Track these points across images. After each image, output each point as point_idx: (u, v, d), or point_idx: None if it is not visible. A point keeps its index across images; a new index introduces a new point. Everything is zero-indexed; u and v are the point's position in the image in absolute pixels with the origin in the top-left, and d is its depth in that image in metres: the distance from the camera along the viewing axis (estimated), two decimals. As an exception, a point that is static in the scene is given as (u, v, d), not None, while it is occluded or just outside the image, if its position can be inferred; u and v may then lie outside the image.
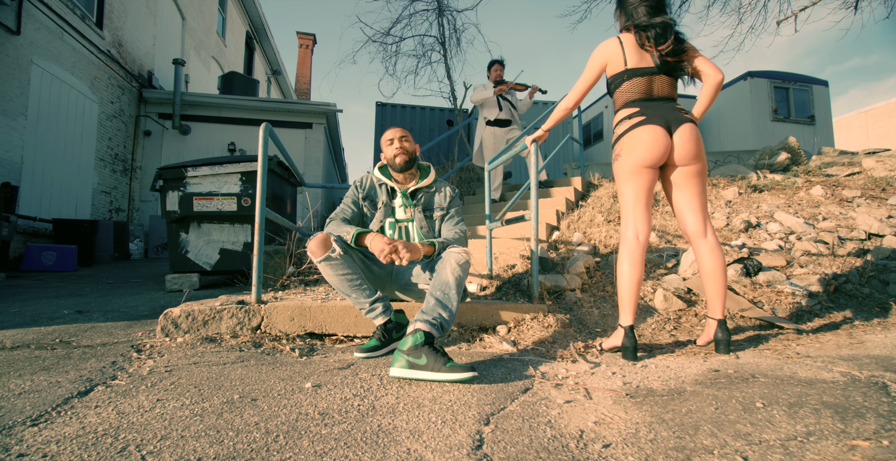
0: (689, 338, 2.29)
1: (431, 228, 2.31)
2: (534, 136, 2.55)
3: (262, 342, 2.08)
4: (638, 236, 1.96)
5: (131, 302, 3.53)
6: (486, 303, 2.41)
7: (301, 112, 10.06)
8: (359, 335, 2.26)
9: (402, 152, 2.25)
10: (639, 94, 2.02)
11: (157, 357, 1.85)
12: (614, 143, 2.07)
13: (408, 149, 2.27)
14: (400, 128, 2.34)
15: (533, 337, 2.21)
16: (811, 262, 3.61)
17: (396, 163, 2.25)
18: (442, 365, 1.54)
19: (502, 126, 5.53)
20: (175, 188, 4.20)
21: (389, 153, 2.27)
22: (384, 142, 2.31)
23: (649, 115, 1.96)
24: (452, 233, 2.24)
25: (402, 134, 2.30)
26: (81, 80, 7.69)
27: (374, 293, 2.02)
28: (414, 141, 2.39)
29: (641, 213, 1.97)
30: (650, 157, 1.93)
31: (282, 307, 2.21)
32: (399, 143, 2.26)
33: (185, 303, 2.36)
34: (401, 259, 1.92)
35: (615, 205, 4.66)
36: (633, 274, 1.92)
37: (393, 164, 2.27)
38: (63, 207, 7.46)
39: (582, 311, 2.57)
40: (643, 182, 1.96)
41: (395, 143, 2.26)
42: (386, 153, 2.30)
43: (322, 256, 1.95)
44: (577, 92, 2.17)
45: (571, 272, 2.95)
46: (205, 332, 2.13)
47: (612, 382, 1.60)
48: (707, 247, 1.97)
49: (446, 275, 1.86)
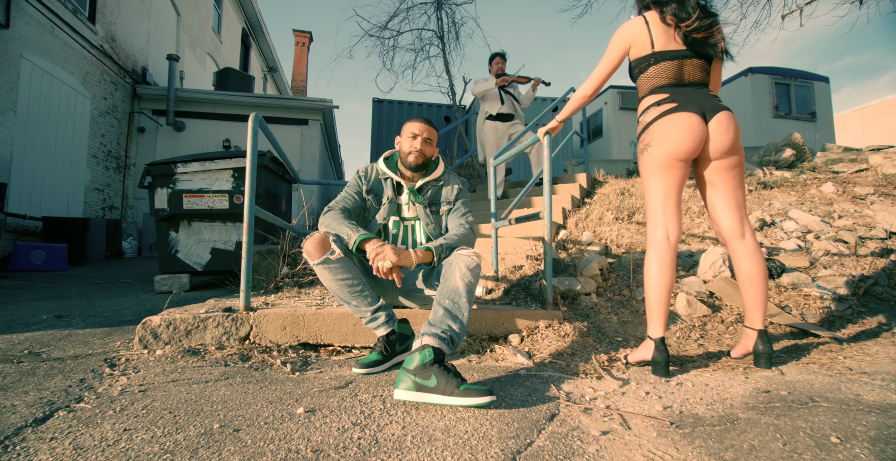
0: (719, 349, 2.09)
1: (438, 225, 2.12)
2: (547, 128, 2.34)
3: (250, 354, 1.88)
4: (668, 237, 1.76)
5: (116, 305, 3.33)
6: (496, 310, 2.22)
7: (297, 108, 9.84)
8: (357, 345, 2.06)
9: (420, 155, 2.03)
10: (667, 80, 1.82)
11: (132, 373, 1.64)
12: (641, 133, 1.87)
13: (426, 153, 2.06)
14: (429, 125, 2.08)
15: (549, 347, 2.01)
16: (834, 263, 3.42)
17: (409, 161, 2.04)
18: (455, 387, 1.34)
19: (504, 121, 5.32)
20: (164, 185, 3.99)
21: (406, 147, 2.05)
22: (406, 132, 2.06)
23: (681, 102, 1.76)
24: (458, 226, 2.04)
25: (430, 134, 2.06)
26: (73, 76, 7.46)
27: (375, 300, 1.82)
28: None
29: (672, 211, 1.77)
30: (684, 148, 1.72)
31: (272, 315, 2.01)
32: (421, 144, 2.03)
33: (167, 309, 2.16)
34: (382, 268, 1.73)
35: (623, 202, 4.46)
36: (664, 279, 1.72)
37: (405, 159, 2.06)
38: (54, 205, 7.24)
39: (599, 318, 2.37)
40: (675, 177, 1.76)
41: (417, 141, 2.03)
42: (402, 145, 2.07)
43: (319, 259, 1.75)
44: (597, 78, 1.97)
45: (585, 274, 2.76)
46: (187, 344, 1.93)
47: (650, 406, 1.40)
48: (745, 249, 1.77)
49: (455, 281, 1.66)
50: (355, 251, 1.81)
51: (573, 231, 3.84)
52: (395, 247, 1.78)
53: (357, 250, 1.82)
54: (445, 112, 10.54)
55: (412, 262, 1.78)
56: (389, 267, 1.72)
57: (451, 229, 2.05)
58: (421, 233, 2.10)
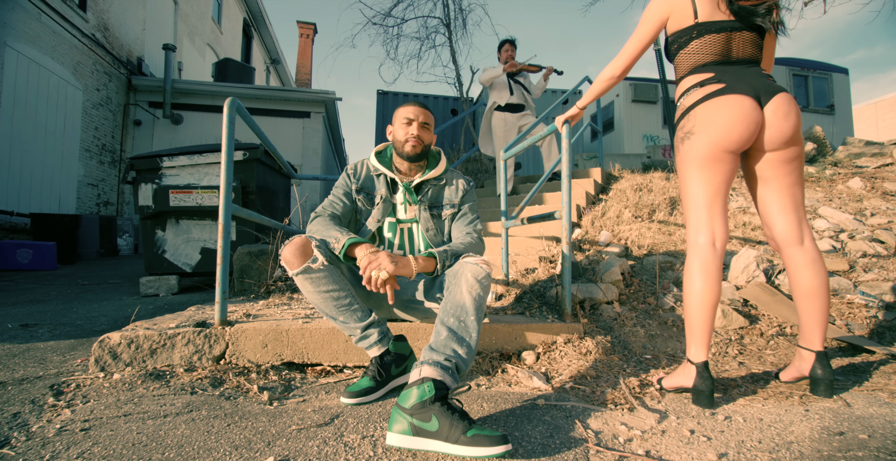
0: (763, 369, 1.82)
1: (440, 230, 1.84)
2: (566, 115, 2.07)
3: (224, 378, 1.63)
4: (714, 242, 1.48)
5: (95, 310, 3.09)
6: (508, 322, 1.95)
7: (298, 100, 9.56)
8: (350, 364, 1.80)
9: (418, 142, 1.75)
10: (712, 56, 1.53)
11: (80, 404, 1.39)
12: (679, 120, 1.59)
13: (425, 140, 1.77)
14: (424, 108, 1.80)
15: (570, 368, 1.74)
16: (874, 266, 3.13)
17: (405, 150, 1.75)
18: (461, 433, 1.08)
19: (514, 111, 5.02)
20: (149, 180, 3.74)
21: (401, 135, 1.76)
22: (399, 118, 1.77)
23: (730, 82, 1.48)
24: (464, 235, 1.77)
25: (426, 118, 1.78)
26: (63, 66, 7.20)
27: (367, 315, 1.56)
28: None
29: (718, 212, 1.50)
30: (734, 136, 1.45)
31: (252, 331, 1.75)
32: (418, 129, 1.75)
33: (134, 321, 1.91)
34: (376, 280, 1.45)
35: (642, 199, 4.17)
36: (709, 293, 1.45)
37: (401, 149, 1.77)
38: (45, 201, 7.02)
39: (624, 331, 2.10)
40: (722, 171, 1.48)
41: (413, 126, 1.75)
42: (396, 133, 1.79)
43: (299, 268, 1.49)
44: (628, 55, 1.69)
45: (605, 280, 2.49)
46: (152, 365, 1.67)
47: (699, 452, 1.14)
48: (805, 257, 1.49)
49: (461, 294, 1.40)
50: (343, 258, 1.55)
51: (589, 230, 3.56)
52: (392, 253, 1.51)
53: (346, 257, 1.55)
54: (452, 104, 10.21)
55: (412, 272, 1.51)
56: (385, 278, 1.46)
57: (456, 238, 1.78)
58: (419, 239, 1.83)
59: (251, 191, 3.84)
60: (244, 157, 3.78)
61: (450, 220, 1.85)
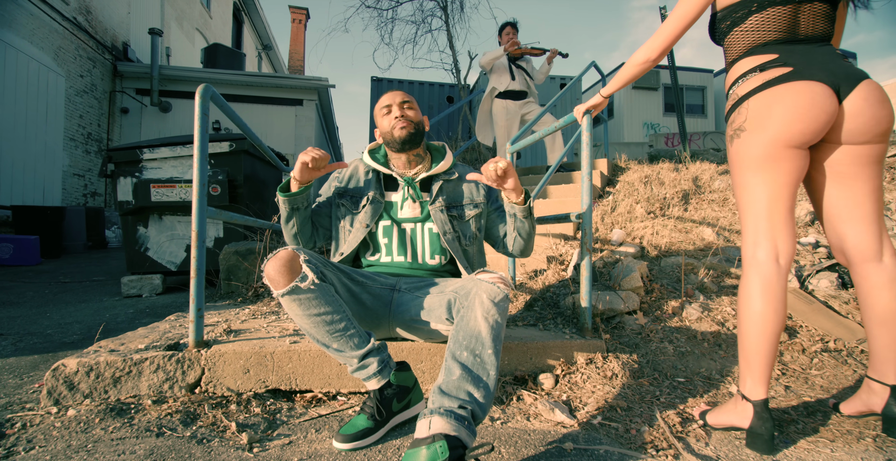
0: (813, 394, 1.61)
1: (463, 234, 1.64)
2: (587, 105, 1.82)
3: (198, 412, 1.40)
4: (777, 258, 1.25)
5: (70, 316, 2.85)
6: (522, 340, 1.73)
7: (290, 88, 9.23)
8: (343, 391, 1.58)
9: (407, 122, 1.58)
10: (776, 33, 1.29)
11: (21, 452, 1.16)
12: (731, 111, 1.35)
13: (412, 118, 1.60)
14: (400, 91, 1.66)
15: (595, 396, 1.53)
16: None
17: (397, 137, 1.58)
18: (483, 511, 0.86)
19: (516, 99, 4.73)
20: (129, 174, 3.48)
21: (386, 125, 1.61)
22: (379, 111, 1.64)
23: (799, 66, 1.23)
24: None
25: (404, 98, 1.63)
26: (43, 51, 6.86)
27: (364, 341, 1.33)
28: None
29: (783, 220, 1.26)
30: (798, 129, 1.20)
31: (231, 355, 1.52)
32: (400, 110, 1.60)
33: (98, 341, 1.67)
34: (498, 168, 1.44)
35: (652, 192, 3.94)
36: (772, 318, 1.22)
37: (392, 140, 1.60)
38: (28, 192, 6.73)
39: (651, 348, 1.89)
40: (786, 170, 1.24)
41: (393, 111, 1.60)
42: (381, 126, 1.64)
43: (285, 287, 1.26)
44: (667, 36, 1.44)
45: (625, 286, 2.26)
46: (115, 395, 1.45)
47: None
48: (884, 276, 1.26)
49: (475, 321, 1.18)
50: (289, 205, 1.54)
51: (598, 227, 3.33)
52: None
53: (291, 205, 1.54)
54: (448, 91, 9.86)
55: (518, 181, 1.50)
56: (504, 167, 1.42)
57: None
58: (427, 242, 1.63)
59: (239, 184, 3.59)
60: (230, 149, 3.52)
61: (475, 220, 1.67)
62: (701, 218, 3.37)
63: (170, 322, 2.08)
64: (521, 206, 1.54)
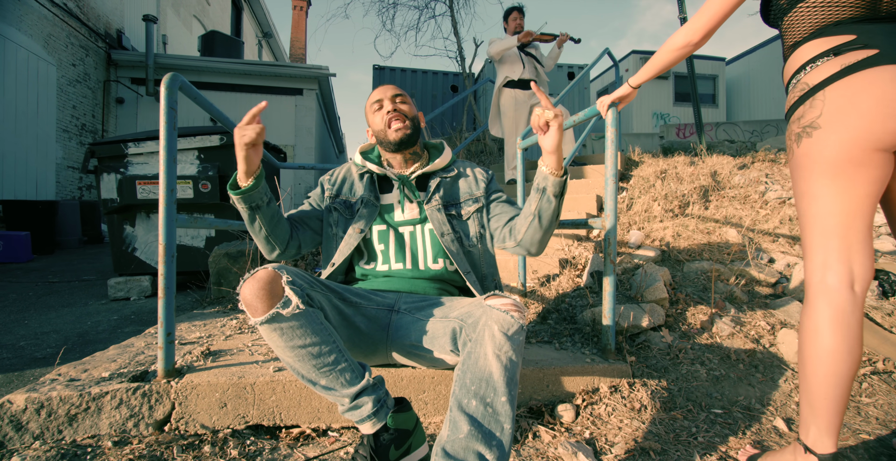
0: (869, 428, 1.41)
1: (464, 233, 1.46)
2: (614, 97, 1.60)
3: (165, 456, 1.21)
4: (853, 284, 1.04)
5: (49, 323, 2.67)
6: (537, 364, 1.53)
7: (290, 76, 8.96)
8: (335, 426, 1.39)
9: (400, 116, 1.41)
10: (851, 10, 1.06)
11: (-54, 518, 0.98)
12: (795, 106, 1.13)
13: (407, 113, 1.43)
14: (391, 85, 1.49)
15: (622, 434, 1.33)
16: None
17: (391, 137, 1.41)
18: None
19: (526, 88, 4.48)
20: (113, 169, 3.28)
21: (378, 122, 1.44)
22: (370, 108, 1.47)
23: (886, 47, 1.01)
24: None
25: (396, 92, 1.46)
26: (32, 38, 6.61)
27: (358, 377, 1.13)
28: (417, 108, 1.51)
29: (860, 239, 1.04)
30: (892, 127, 0.99)
31: (206, 387, 1.33)
32: (392, 104, 1.43)
33: (58, 365, 1.48)
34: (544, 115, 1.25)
35: (670, 188, 3.71)
36: (845, 357, 1.01)
37: (386, 139, 1.43)
38: (20, 186, 6.54)
39: (681, 371, 1.68)
40: (871, 179, 1.02)
41: (385, 106, 1.43)
42: (373, 124, 1.47)
43: (264, 315, 1.07)
44: (710, 16, 1.21)
45: (648, 298, 2.06)
46: (70, 435, 1.26)
47: None
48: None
49: (485, 359, 0.98)
50: (242, 199, 1.30)
51: (614, 226, 3.11)
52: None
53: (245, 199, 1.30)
54: (452, 80, 9.56)
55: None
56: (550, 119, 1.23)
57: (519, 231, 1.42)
58: (427, 245, 1.45)
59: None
60: (221, 142, 3.31)
61: (476, 217, 1.48)
62: (724, 217, 3.14)
63: (148, 337, 1.89)
64: (555, 177, 1.27)
